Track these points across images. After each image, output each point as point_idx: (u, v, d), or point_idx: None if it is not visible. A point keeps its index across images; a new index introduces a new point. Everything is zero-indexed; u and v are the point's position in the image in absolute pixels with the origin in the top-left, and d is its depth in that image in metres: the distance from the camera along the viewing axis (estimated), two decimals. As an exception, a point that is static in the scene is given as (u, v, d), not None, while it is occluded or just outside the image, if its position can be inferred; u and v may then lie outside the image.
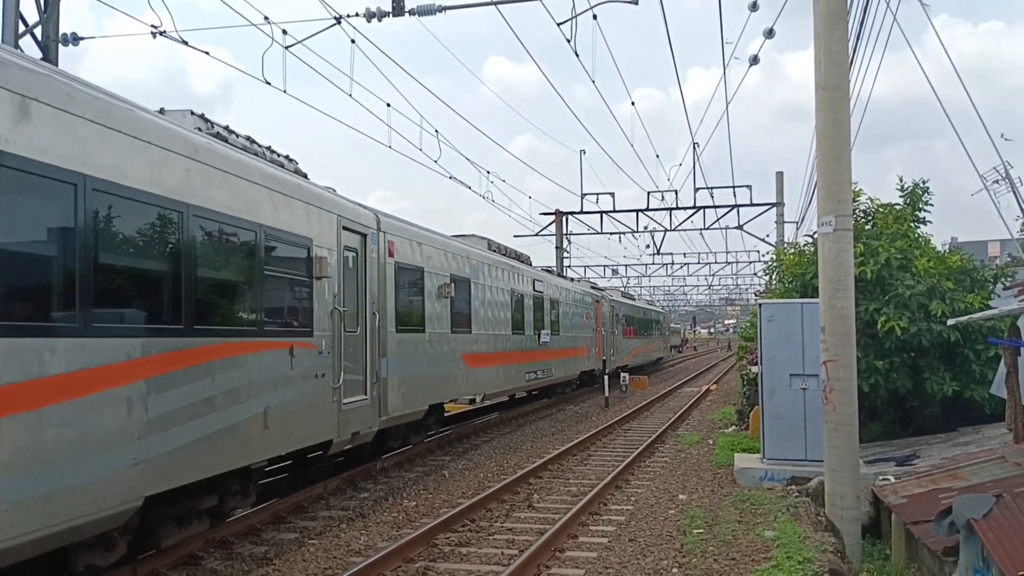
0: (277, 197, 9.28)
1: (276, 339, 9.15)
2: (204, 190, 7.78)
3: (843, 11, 9.96)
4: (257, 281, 8.73)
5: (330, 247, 10.61)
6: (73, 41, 14.21)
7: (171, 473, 7.20)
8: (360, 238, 11.74)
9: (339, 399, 10.59)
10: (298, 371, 9.48)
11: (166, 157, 7.28)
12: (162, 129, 7.38)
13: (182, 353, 7.35)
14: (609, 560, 8.57)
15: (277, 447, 9.18)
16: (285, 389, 9.15)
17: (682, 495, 11.92)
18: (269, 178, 9.24)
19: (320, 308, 10.21)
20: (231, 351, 8.09)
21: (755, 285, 59.78)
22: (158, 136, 7.24)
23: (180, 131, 7.76)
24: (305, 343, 9.71)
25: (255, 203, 8.73)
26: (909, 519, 9.12)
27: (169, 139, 7.40)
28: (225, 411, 7.96)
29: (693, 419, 22.98)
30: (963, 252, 16.02)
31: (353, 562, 8.30)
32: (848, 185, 10.02)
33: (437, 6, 14.45)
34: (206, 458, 7.71)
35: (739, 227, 34.33)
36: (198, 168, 7.75)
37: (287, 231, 9.44)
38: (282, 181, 9.58)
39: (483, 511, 10.77)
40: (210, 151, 8.10)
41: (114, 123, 6.65)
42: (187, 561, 8.31)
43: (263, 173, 9.14)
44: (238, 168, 8.54)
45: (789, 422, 12.25)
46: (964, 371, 14.15)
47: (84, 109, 6.30)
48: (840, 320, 9.70)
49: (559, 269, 35.88)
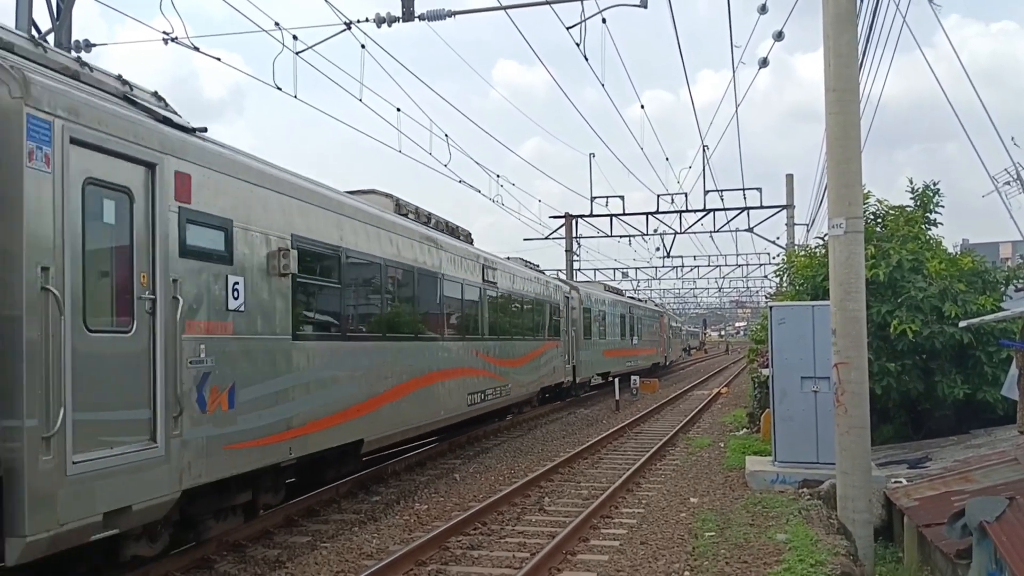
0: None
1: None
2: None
3: (852, 13, 9.96)
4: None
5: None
6: (86, 48, 14.32)
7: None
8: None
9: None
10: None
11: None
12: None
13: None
14: (620, 563, 8.57)
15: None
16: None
17: (693, 498, 11.91)
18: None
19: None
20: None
21: (765, 288, 59.59)
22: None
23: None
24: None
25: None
26: (921, 522, 9.09)
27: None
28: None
29: (704, 422, 22.94)
30: (975, 254, 15.96)
31: (365, 565, 8.33)
32: (858, 187, 10.01)
33: (446, 11, 14.49)
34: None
35: (749, 230, 34.29)
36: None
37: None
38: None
39: (494, 514, 10.79)
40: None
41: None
42: (200, 564, 8.35)
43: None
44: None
45: (800, 425, 12.23)
46: (976, 373, 14.08)
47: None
48: (851, 322, 9.69)
49: (568, 273, 35.88)
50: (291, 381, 9.06)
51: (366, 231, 11.37)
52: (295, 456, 9.13)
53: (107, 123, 6.60)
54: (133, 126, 6.94)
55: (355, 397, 10.68)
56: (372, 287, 11.90)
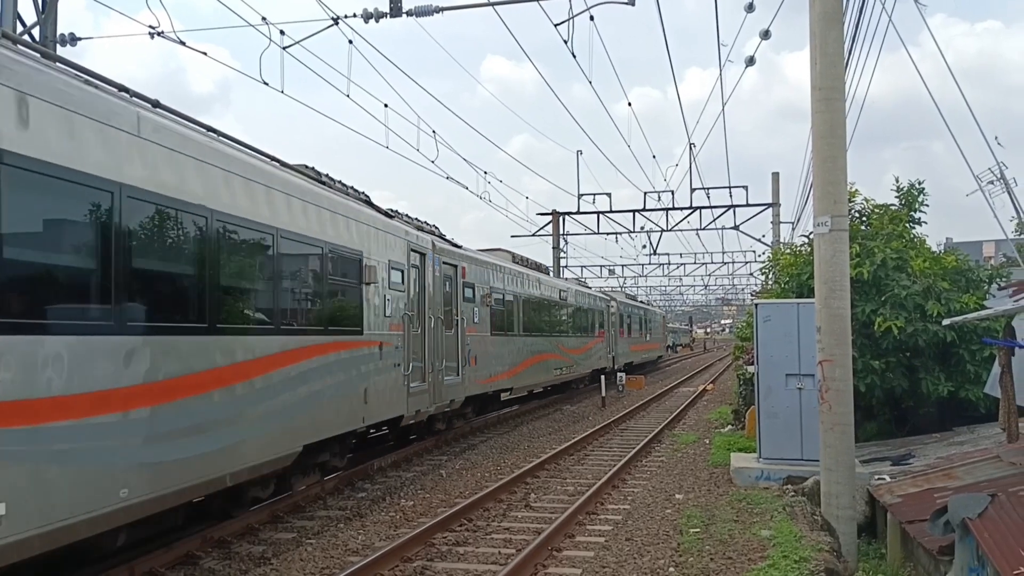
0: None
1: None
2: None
3: (839, 12, 10.00)
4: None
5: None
6: (71, 42, 14.21)
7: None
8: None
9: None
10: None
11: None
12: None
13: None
14: (606, 559, 8.59)
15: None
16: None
17: (679, 494, 11.95)
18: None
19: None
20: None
21: (751, 285, 59.91)
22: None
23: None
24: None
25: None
26: (905, 518, 9.16)
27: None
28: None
29: (689, 419, 23.01)
30: (958, 252, 16.08)
31: (351, 562, 8.31)
32: (844, 185, 10.06)
33: (434, 7, 14.46)
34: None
35: (735, 227, 34.46)
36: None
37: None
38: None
39: (480, 510, 10.79)
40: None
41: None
42: (185, 560, 8.32)
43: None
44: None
45: (785, 422, 12.31)
46: (959, 371, 14.19)
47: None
48: (836, 320, 9.74)
49: (555, 270, 35.90)
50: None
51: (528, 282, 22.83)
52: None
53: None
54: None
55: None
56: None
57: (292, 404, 9.39)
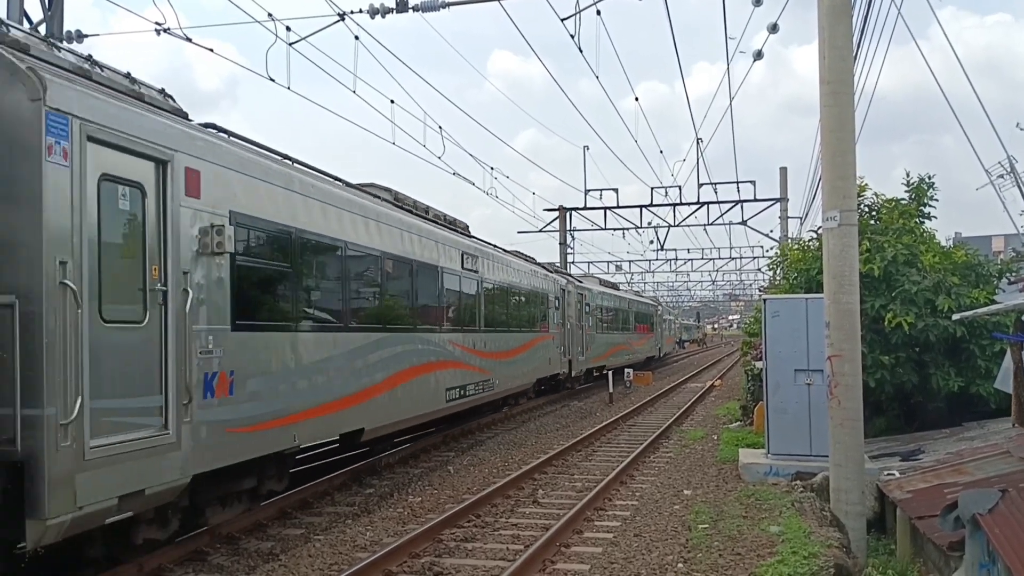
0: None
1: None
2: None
3: (847, 5, 9.94)
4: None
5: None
6: (78, 39, 14.21)
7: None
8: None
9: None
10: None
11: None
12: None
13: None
14: (614, 555, 8.57)
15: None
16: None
17: (687, 490, 11.93)
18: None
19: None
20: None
21: (759, 280, 59.70)
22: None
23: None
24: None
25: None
26: (914, 514, 9.11)
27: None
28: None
29: (697, 415, 22.98)
30: (968, 247, 15.99)
31: (359, 558, 8.32)
32: (853, 180, 9.99)
33: (440, 2, 14.41)
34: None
35: (743, 223, 34.35)
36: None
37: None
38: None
39: (488, 507, 10.78)
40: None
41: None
42: (193, 557, 8.34)
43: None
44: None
45: (794, 417, 12.26)
46: (969, 366, 14.11)
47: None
48: (845, 315, 9.69)
49: (563, 265, 35.86)
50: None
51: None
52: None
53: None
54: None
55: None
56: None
57: (533, 362, 22.46)
